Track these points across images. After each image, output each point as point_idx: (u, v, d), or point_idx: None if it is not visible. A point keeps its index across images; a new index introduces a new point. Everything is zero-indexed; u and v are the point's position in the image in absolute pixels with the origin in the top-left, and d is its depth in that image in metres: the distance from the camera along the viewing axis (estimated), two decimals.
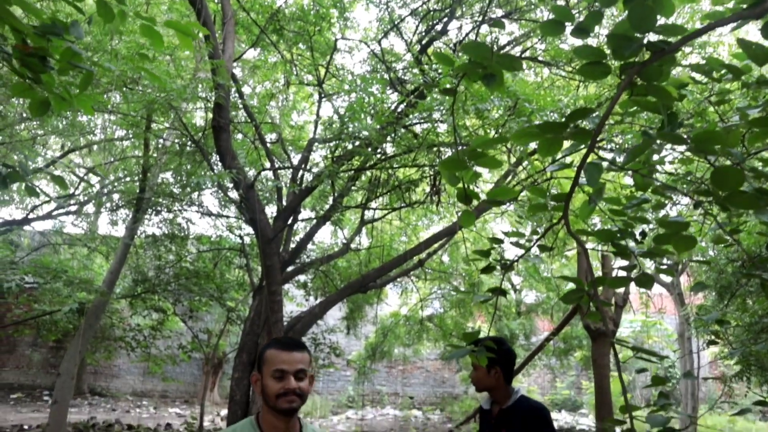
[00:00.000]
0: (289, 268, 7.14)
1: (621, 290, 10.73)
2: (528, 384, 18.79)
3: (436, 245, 7.94)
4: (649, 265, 14.72)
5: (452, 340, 11.91)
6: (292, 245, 7.37)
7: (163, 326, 9.86)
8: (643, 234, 2.73)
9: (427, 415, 16.87)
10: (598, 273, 10.83)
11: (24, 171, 1.96)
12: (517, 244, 1.79)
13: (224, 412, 13.69)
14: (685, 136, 1.60)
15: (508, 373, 3.14)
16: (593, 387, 10.62)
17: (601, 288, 10.29)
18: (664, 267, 2.36)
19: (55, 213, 11.67)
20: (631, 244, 1.69)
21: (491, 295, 1.79)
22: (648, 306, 14.20)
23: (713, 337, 5.71)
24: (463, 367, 14.75)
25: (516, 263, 1.80)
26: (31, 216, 11.54)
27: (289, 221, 6.83)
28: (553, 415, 17.03)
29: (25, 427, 11.31)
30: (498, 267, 1.80)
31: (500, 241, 1.82)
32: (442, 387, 19.98)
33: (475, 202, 1.75)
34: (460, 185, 1.59)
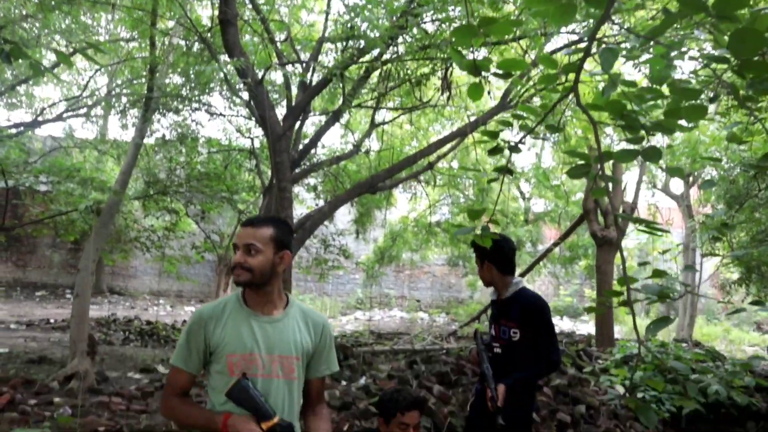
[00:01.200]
0: (299, 169, 7.15)
1: (629, 199, 10.76)
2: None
3: (446, 148, 7.87)
4: (660, 176, 14.49)
5: (460, 245, 12.13)
6: (302, 146, 7.35)
7: (176, 227, 10.07)
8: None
9: (432, 318, 17.52)
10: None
11: (26, 46, 1.92)
12: (523, 127, 1.77)
13: None
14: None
15: (500, 265, 3.23)
16: (595, 294, 10.92)
17: (607, 199, 10.30)
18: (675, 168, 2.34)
19: (64, 116, 11.62)
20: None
21: (498, 175, 1.80)
22: (656, 217, 14.24)
23: (717, 235, 5.76)
24: (470, 272, 15.11)
25: (521, 144, 1.79)
26: (40, 119, 11.51)
27: (299, 119, 6.75)
28: (555, 321, 17.62)
29: (51, 320, 11.92)
30: (506, 149, 1.79)
31: (509, 124, 1.80)
32: (449, 291, 20.61)
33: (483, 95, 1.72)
34: (470, 60, 1.55)
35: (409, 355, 8.27)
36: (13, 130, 9.75)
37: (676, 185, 15.81)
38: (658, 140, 11.56)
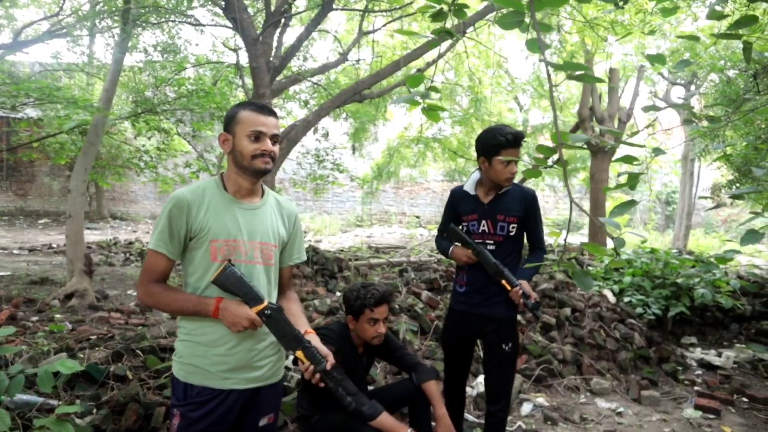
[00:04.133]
0: (282, 78, 6.94)
1: (626, 106, 10.56)
2: None
3: (436, 54, 7.58)
4: (661, 85, 14.08)
5: (457, 159, 12.05)
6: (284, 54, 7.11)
7: (168, 147, 9.98)
8: None
9: (432, 233, 17.67)
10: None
11: None
12: None
13: None
14: None
15: None
16: (589, 204, 10.91)
17: (606, 105, 10.08)
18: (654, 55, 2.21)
19: (46, 35, 11.25)
20: None
21: (438, 38, 1.70)
22: (655, 126, 14.05)
23: (703, 130, 5.63)
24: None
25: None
26: (20, 39, 11.14)
27: (280, 26, 6.48)
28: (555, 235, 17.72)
29: (54, 245, 12.11)
30: (448, 11, 1.66)
31: None
32: None
33: None
34: None
35: (404, 267, 8.39)
36: None
37: (678, 93, 15.48)
38: (660, 44, 11.18)
